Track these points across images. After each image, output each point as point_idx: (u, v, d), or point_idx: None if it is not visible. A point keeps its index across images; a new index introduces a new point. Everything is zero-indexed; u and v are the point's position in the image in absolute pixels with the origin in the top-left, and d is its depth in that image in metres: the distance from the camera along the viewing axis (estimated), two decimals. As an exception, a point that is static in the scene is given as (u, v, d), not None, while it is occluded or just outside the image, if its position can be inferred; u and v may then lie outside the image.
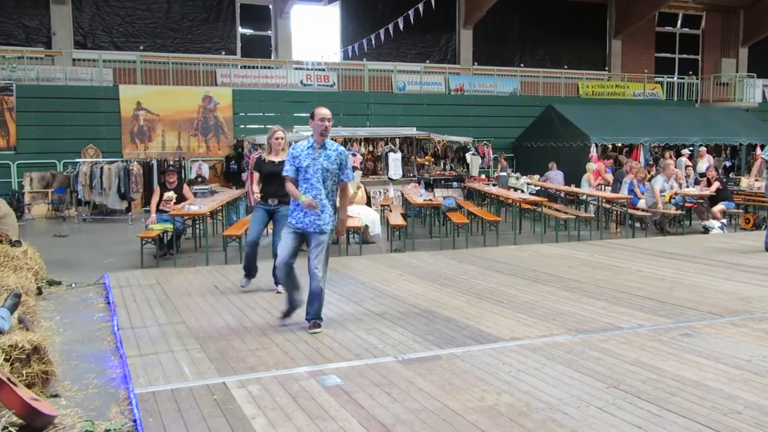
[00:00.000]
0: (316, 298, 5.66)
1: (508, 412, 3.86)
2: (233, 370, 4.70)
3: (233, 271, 8.63)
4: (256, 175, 7.40)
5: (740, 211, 13.30)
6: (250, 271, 7.45)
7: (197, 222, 10.91)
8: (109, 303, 6.95)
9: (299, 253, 5.80)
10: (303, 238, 5.65)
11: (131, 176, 15.25)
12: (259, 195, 7.32)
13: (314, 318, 5.68)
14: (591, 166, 15.99)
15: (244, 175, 16.52)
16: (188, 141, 18.83)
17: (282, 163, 7.11)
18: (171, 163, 16.58)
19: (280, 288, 6.97)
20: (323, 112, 5.69)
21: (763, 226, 9.41)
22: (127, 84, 18.67)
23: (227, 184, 17.74)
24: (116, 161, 15.78)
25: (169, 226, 9.67)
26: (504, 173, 17.92)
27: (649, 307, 6.34)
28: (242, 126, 19.38)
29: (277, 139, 7.29)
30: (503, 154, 19.82)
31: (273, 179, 7.06)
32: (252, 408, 3.98)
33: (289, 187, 5.69)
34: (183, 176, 16.73)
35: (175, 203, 10.17)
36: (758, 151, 13.66)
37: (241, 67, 20.32)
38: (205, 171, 18.25)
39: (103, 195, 15.29)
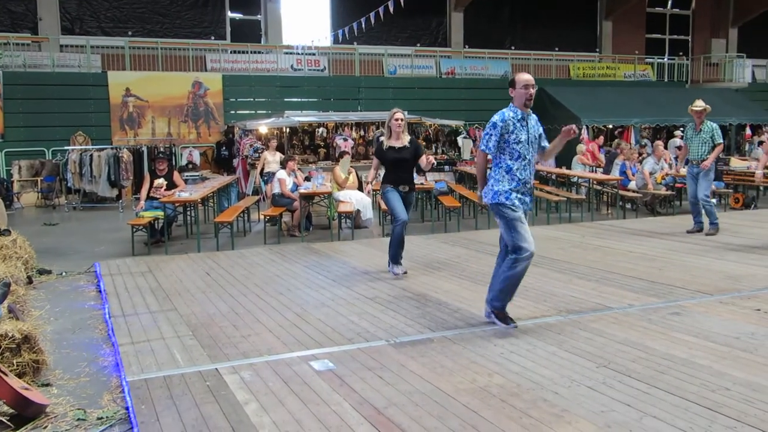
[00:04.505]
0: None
1: (499, 393, 3.89)
2: (225, 356, 4.70)
3: (225, 257, 8.63)
4: (376, 161, 7.13)
5: (730, 190, 13.36)
6: (399, 254, 7.10)
7: (188, 209, 10.88)
8: (100, 291, 6.94)
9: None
10: None
11: (121, 163, 15.16)
12: (370, 185, 7.17)
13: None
14: (581, 147, 16.01)
15: (236, 161, 16.48)
16: (178, 127, 18.72)
17: (404, 149, 6.94)
18: (161, 149, 16.46)
19: (398, 270, 7.03)
20: (526, 77, 5.03)
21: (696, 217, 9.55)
22: (115, 70, 18.53)
23: (218, 171, 17.67)
24: (106, 148, 15.68)
25: (159, 213, 9.65)
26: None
27: (639, 287, 6.38)
28: (233, 111, 19.29)
29: (396, 120, 6.90)
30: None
31: (399, 165, 6.91)
32: (244, 393, 3.99)
33: (481, 167, 5.18)
34: (174, 163, 16.66)
35: (166, 190, 10.14)
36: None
37: (231, 52, 20.17)
38: (196, 157, 18.15)
39: (93, 183, 15.20)
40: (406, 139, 7.00)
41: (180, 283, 7.10)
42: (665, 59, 25.91)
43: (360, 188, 12.11)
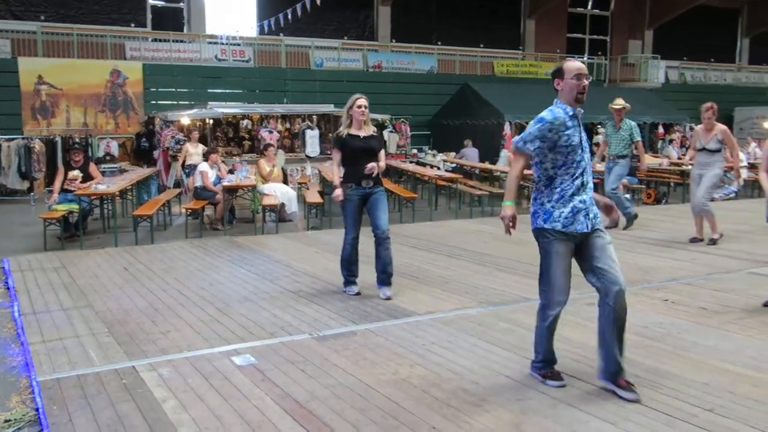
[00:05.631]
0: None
1: (420, 384, 3.94)
2: (143, 353, 4.57)
3: (144, 252, 8.38)
4: (338, 155, 6.01)
5: (642, 186, 13.97)
6: (354, 273, 6.21)
7: (105, 201, 10.49)
8: (8, 288, 6.60)
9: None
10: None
11: (33, 154, 14.46)
12: (340, 181, 5.97)
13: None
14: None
15: (156, 153, 16.00)
16: (95, 117, 18.00)
17: (371, 138, 6.00)
18: (76, 140, 15.82)
19: (353, 289, 6.14)
20: (577, 65, 3.88)
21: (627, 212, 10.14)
22: (27, 56, 17.61)
23: (138, 163, 17.09)
24: (16, 138, 14.91)
25: (74, 207, 9.27)
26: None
27: (557, 279, 6.57)
28: (153, 102, 18.70)
29: (360, 108, 5.95)
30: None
31: (363, 157, 5.93)
32: (163, 391, 3.89)
33: (515, 174, 4.01)
34: (90, 154, 16.02)
35: (81, 182, 9.75)
36: None
37: (151, 41, 19.52)
38: (114, 149, 17.50)
39: (2, 174, 14.44)
40: (370, 130, 6.15)
41: (96, 279, 6.85)
42: (585, 58, 26.79)
43: (285, 181, 11.98)
